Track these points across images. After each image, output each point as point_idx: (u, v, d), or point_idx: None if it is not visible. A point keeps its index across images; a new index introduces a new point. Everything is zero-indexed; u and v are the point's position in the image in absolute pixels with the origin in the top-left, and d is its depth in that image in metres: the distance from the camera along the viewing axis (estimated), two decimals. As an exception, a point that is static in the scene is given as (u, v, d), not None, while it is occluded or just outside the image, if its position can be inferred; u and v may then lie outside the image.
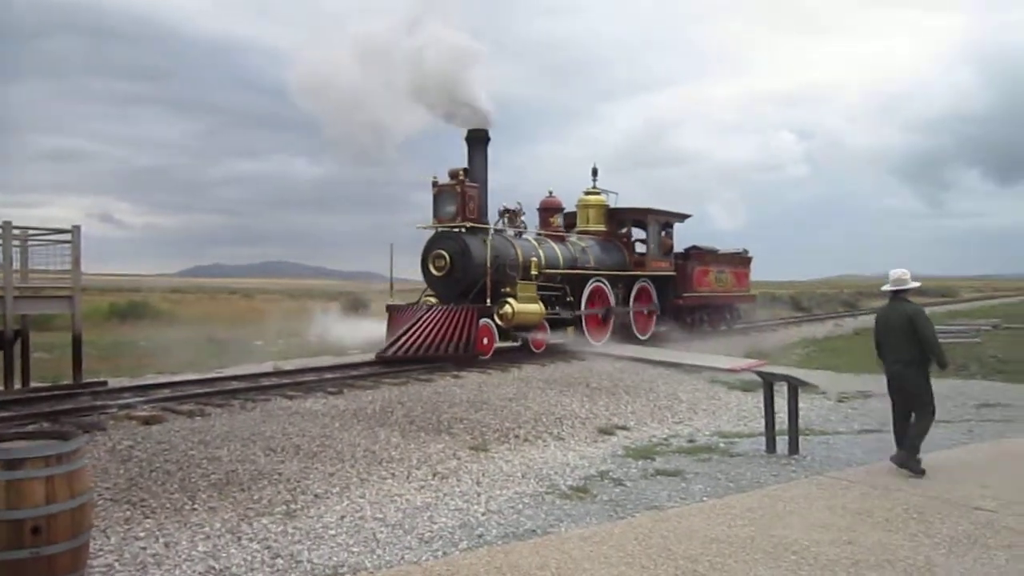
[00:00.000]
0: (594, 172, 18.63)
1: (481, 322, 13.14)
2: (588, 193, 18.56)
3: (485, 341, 13.24)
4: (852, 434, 9.38)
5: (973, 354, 16.18)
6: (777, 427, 8.12)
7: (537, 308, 14.24)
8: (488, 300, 13.48)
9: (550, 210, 17.01)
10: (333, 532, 5.57)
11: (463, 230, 13.96)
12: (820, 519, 5.36)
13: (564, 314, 15.41)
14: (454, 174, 14.04)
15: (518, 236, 15.22)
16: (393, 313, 14.09)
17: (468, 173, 14.13)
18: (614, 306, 16.90)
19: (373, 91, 14.67)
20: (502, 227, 15.03)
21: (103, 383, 10.91)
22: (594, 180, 18.63)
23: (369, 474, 7.07)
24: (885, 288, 7.05)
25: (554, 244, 15.89)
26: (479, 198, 14.31)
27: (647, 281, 18.29)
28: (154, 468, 6.51)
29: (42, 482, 3.97)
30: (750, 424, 10.34)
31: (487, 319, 13.33)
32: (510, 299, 13.72)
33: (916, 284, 7.00)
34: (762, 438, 8.31)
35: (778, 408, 8.22)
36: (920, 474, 6.50)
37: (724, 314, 22.32)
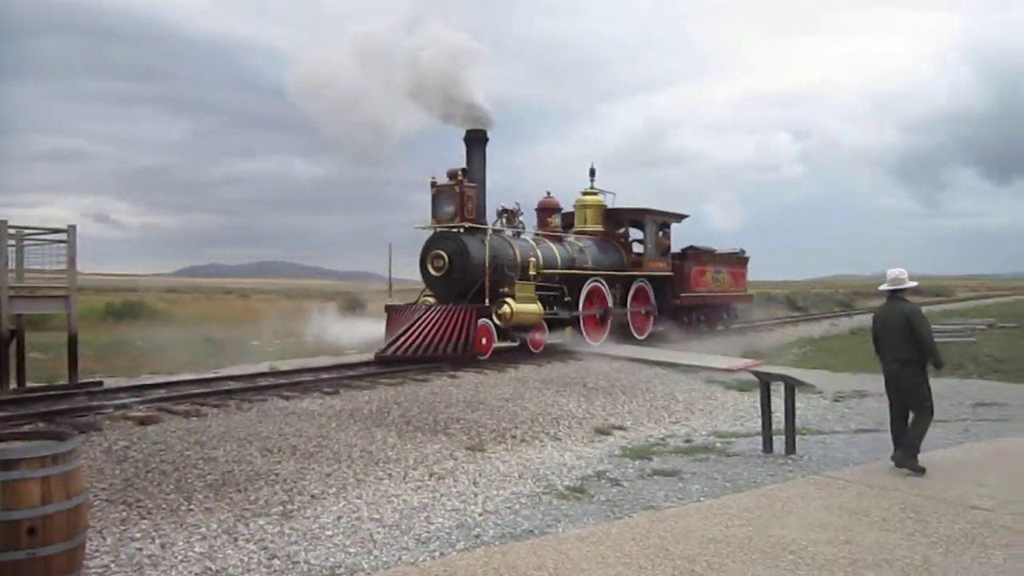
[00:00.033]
0: (592, 173, 18.64)
1: (480, 322, 13.13)
2: (586, 193, 18.55)
3: (484, 341, 13.23)
4: (849, 433, 9.39)
5: (969, 353, 16.21)
6: (774, 427, 8.13)
7: (535, 308, 14.23)
8: (487, 300, 13.49)
9: (548, 210, 17.00)
10: (330, 533, 5.56)
11: (461, 230, 13.95)
12: (817, 519, 5.36)
13: (562, 314, 15.39)
14: (452, 174, 14.02)
15: (516, 236, 15.21)
16: (392, 313, 14.08)
17: (467, 173, 14.13)
18: (612, 306, 16.91)
19: (372, 91, 14.67)
20: (500, 227, 15.03)
21: (99, 383, 10.89)
22: (592, 180, 18.64)
23: (366, 474, 7.06)
24: (883, 288, 7.08)
25: (552, 244, 15.89)
26: (477, 198, 14.30)
27: (644, 281, 18.29)
28: (150, 469, 6.49)
29: (38, 483, 3.95)
30: (747, 424, 10.34)
31: (486, 319, 13.33)
32: (508, 299, 13.71)
33: (914, 284, 7.04)
34: (759, 438, 8.32)
35: (775, 408, 8.22)
36: (920, 473, 6.51)
37: (721, 314, 22.34)
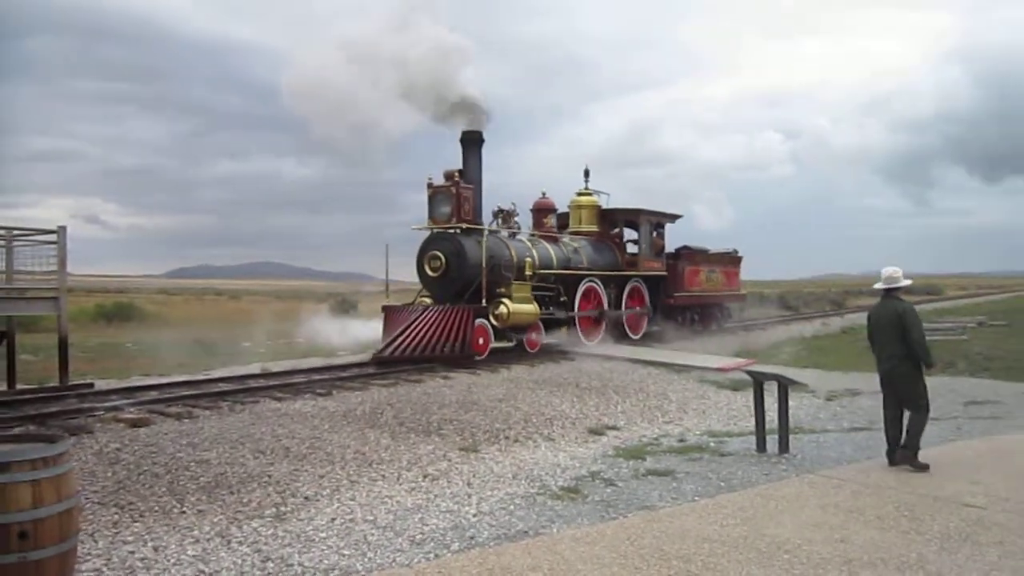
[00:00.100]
0: (586, 173, 18.69)
1: (477, 322, 13.13)
2: (580, 194, 18.58)
3: (481, 341, 13.23)
4: (842, 432, 9.41)
5: (960, 351, 16.28)
6: (767, 426, 8.13)
7: (532, 308, 14.24)
8: (483, 300, 13.48)
9: (543, 211, 17.04)
10: (324, 535, 5.53)
11: (458, 231, 13.95)
12: (812, 518, 5.36)
13: (558, 314, 15.42)
14: (449, 175, 14.02)
15: (512, 237, 15.23)
16: (389, 314, 14.06)
17: (463, 174, 14.12)
18: (607, 306, 16.92)
19: (363, 92, 14.64)
20: (496, 228, 15.03)
21: (90, 385, 10.83)
22: (586, 181, 18.68)
23: (359, 476, 7.03)
24: (877, 286, 7.10)
25: (548, 245, 15.91)
26: (474, 199, 14.30)
27: (639, 281, 18.34)
28: (142, 471, 6.45)
29: (28, 486, 3.91)
30: (740, 423, 10.36)
31: (483, 319, 13.32)
32: (505, 299, 13.72)
33: (908, 282, 7.06)
34: (752, 437, 8.32)
35: (768, 407, 8.22)
36: (924, 469, 6.54)
37: (715, 313, 22.40)
